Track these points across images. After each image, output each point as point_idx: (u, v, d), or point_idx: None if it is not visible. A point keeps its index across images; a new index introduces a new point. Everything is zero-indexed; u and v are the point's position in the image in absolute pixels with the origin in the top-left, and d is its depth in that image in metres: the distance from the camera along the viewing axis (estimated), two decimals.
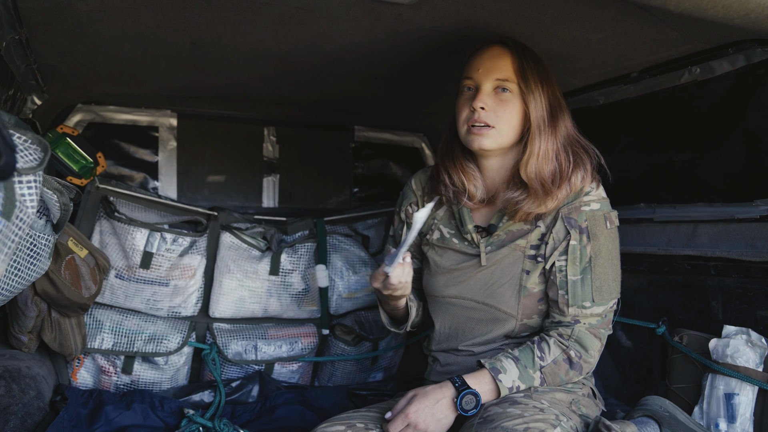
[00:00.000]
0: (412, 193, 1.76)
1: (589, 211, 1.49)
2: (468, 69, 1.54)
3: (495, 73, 1.49)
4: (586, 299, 1.48)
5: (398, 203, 1.81)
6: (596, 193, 1.52)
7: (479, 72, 1.51)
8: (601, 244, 1.49)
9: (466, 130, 1.52)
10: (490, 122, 1.49)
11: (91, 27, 1.57)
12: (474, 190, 1.58)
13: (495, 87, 1.49)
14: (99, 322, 2.21)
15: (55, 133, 2.10)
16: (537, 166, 1.47)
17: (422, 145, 3.01)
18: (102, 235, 2.25)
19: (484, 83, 1.50)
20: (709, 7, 1.23)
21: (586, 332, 1.49)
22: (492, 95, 1.50)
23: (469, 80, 1.53)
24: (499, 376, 1.42)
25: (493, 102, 1.49)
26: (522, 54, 1.51)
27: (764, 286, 1.68)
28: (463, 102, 1.54)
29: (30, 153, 1.29)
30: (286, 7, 1.46)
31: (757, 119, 1.65)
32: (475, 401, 1.40)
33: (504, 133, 1.50)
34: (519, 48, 1.52)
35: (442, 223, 1.66)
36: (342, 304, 2.50)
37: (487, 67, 1.50)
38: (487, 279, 1.56)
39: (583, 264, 1.48)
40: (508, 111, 1.49)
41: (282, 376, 2.44)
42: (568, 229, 1.48)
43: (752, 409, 1.64)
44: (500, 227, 1.55)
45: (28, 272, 1.50)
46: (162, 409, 2.05)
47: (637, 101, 1.99)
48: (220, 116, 2.66)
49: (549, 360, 1.46)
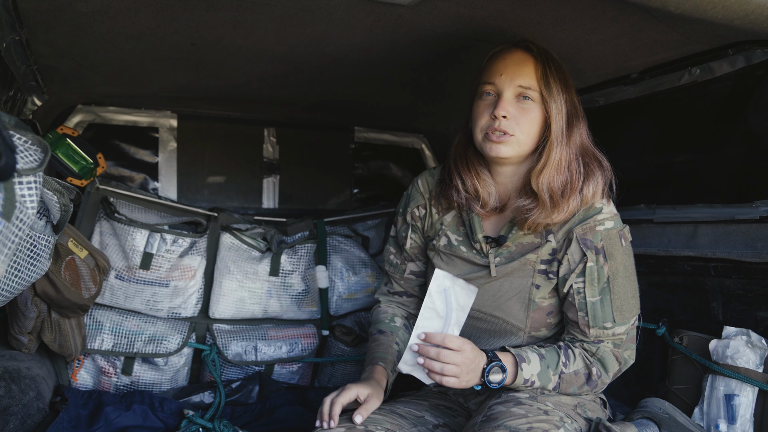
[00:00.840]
0: (420, 195, 1.69)
1: (603, 231, 1.45)
2: (489, 73, 1.47)
3: (518, 80, 1.43)
4: (607, 320, 1.44)
5: (402, 204, 1.75)
6: (608, 210, 1.48)
7: (501, 77, 1.44)
8: (618, 263, 1.45)
9: (484, 137, 1.47)
10: (510, 130, 1.43)
11: (92, 28, 1.57)
12: (487, 197, 1.52)
13: (517, 95, 1.44)
14: (99, 323, 2.21)
15: (56, 134, 2.10)
16: (549, 177, 1.43)
17: (422, 146, 3.01)
18: (102, 236, 2.25)
19: (506, 90, 1.44)
20: (709, 8, 1.23)
21: (610, 353, 1.46)
22: (513, 103, 1.44)
23: (489, 85, 1.46)
24: (522, 364, 1.40)
25: (514, 110, 1.44)
26: (545, 60, 1.45)
27: (764, 287, 1.68)
28: (483, 108, 1.47)
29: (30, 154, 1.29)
30: (286, 9, 1.46)
31: (757, 120, 1.66)
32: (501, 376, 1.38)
33: (523, 142, 1.45)
34: (542, 53, 1.46)
35: (449, 229, 1.62)
36: (342, 305, 2.50)
37: (510, 73, 1.44)
38: (496, 291, 1.53)
39: (601, 285, 1.45)
40: (529, 120, 1.44)
41: (282, 377, 2.44)
42: (584, 251, 1.44)
43: (752, 410, 1.64)
44: (510, 238, 1.51)
45: (28, 273, 1.50)
46: (162, 410, 2.05)
47: (637, 102, 1.99)
48: (220, 117, 2.67)
49: (571, 369, 1.44)
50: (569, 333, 1.51)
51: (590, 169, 1.47)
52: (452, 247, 1.60)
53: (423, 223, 1.68)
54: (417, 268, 1.73)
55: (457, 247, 1.59)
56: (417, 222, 1.69)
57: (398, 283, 1.76)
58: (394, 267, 1.76)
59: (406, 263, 1.73)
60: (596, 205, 1.47)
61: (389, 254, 1.77)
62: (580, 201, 1.45)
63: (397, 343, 1.63)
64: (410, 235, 1.70)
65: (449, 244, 1.61)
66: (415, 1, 1.39)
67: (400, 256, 1.74)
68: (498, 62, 1.47)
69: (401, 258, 1.74)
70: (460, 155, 1.58)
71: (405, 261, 1.73)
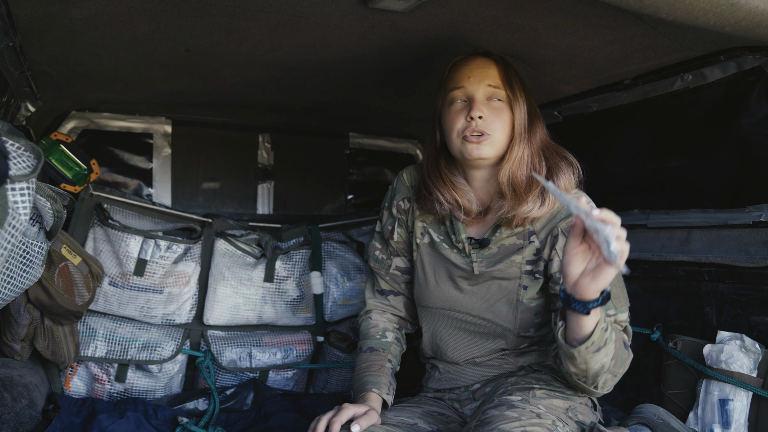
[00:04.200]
0: (405, 188, 1.71)
1: None
2: (456, 79, 1.52)
3: (486, 80, 1.49)
4: (609, 308, 1.43)
5: (387, 198, 1.76)
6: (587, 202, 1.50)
7: (470, 80, 1.50)
8: None
9: (462, 140, 1.49)
10: (487, 130, 1.47)
11: (86, 34, 1.57)
12: (468, 205, 1.54)
13: (487, 96, 1.49)
14: (92, 329, 2.19)
15: (49, 140, 2.10)
16: (512, 171, 1.48)
17: (417, 152, 3.01)
18: (96, 243, 2.24)
19: (476, 92, 1.49)
20: (700, 15, 1.24)
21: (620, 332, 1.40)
22: (486, 104, 1.49)
23: (458, 90, 1.51)
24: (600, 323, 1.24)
25: (488, 110, 1.48)
26: (505, 64, 1.53)
27: (757, 291, 1.69)
28: (456, 113, 1.51)
29: (23, 160, 1.29)
30: (280, 15, 1.47)
31: (749, 126, 1.67)
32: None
33: (499, 141, 1.49)
34: (501, 58, 1.54)
35: (431, 228, 1.64)
36: (337, 310, 2.50)
37: (477, 75, 1.50)
38: (484, 294, 1.54)
39: None
40: (501, 120, 1.49)
41: (277, 383, 2.43)
42: None
43: (747, 414, 1.64)
44: (493, 240, 1.53)
45: (21, 280, 1.49)
46: (156, 418, 2.04)
47: (630, 108, 2.00)
48: (214, 123, 2.66)
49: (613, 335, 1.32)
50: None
51: (554, 163, 1.52)
52: (435, 244, 1.62)
53: (407, 216, 1.69)
54: (403, 264, 1.73)
55: (439, 243, 1.62)
56: (402, 215, 1.70)
57: (384, 279, 1.75)
58: (379, 263, 1.76)
59: (391, 258, 1.73)
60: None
61: (374, 250, 1.77)
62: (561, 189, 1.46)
63: (389, 360, 1.62)
64: (396, 230, 1.71)
65: (432, 242, 1.63)
66: (410, 7, 1.40)
67: (385, 251, 1.75)
68: (463, 68, 1.53)
69: (387, 253, 1.74)
70: (433, 169, 1.60)
71: (391, 256, 1.73)
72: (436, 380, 1.68)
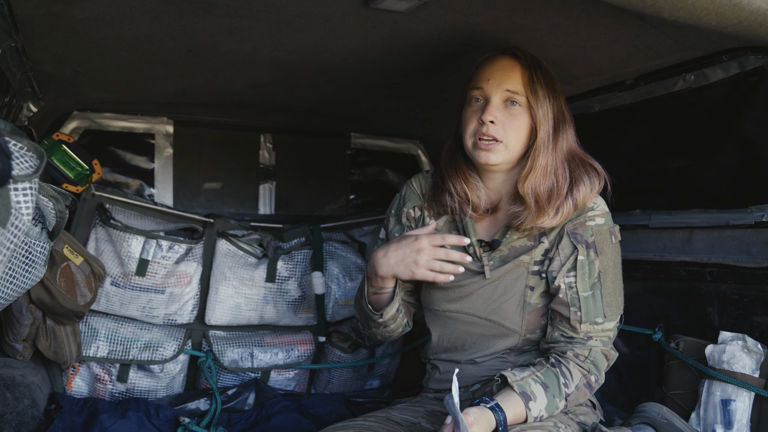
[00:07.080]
0: (416, 196, 1.69)
1: (594, 226, 1.46)
2: (477, 79, 1.50)
3: (505, 84, 1.45)
4: (599, 315, 1.44)
5: (395, 206, 1.74)
6: (600, 207, 1.50)
7: (489, 82, 1.46)
8: (609, 259, 1.46)
9: (473, 144, 1.48)
10: (499, 136, 1.45)
11: (88, 34, 1.57)
12: (477, 201, 1.53)
13: (504, 100, 1.46)
14: (94, 329, 2.20)
15: (51, 140, 2.10)
16: (535, 182, 1.45)
17: (418, 152, 3.01)
18: (97, 243, 2.24)
19: (493, 95, 1.46)
20: (702, 15, 1.24)
21: (600, 353, 1.45)
22: (501, 108, 1.46)
23: (477, 90, 1.48)
24: (530, 403, 1.34)
25: (502, 115, 1.45)
26: (532, 66, 1.47)
27: (760, 292, 1.69)
28: (471, 113, 1.49)
29: (26, 160, 1.29)
30: (282, 15, 1.47)
31: (751, 126, 1.66)
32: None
33: (511, 148, 1.47)
34: (529, 59, 1.48)
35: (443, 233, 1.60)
36: (338, 311, 2.50)
37: (497, 78, 1.46)
38: (490, 294, 1.53)
39: (592, 279, 1.45)
40: (517, 125, 1.46)
41: (278, 383, 2.43)
42: (575, 245, 1.45)
43: (749, 415, 1.64)
44: (504, 242, 1.52)
45: (23, 280, 1.49)
46: (157, 418, 2.04)
47: (632, 108, 2.00)
48: (216, 123, 2.67)
49: (573, 387, 1.41)
50: (557, 330, 1.47)
51: (578, 174, 1.49)
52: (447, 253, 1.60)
53: (417, 225, 1.67)
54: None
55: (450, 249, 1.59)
56: (412, 223, 1.68)
57: None
58: None
59: None
60: (588, 204, 1.49)
61: None
62: (573, 206, 1.46)
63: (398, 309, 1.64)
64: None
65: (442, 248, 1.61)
66: (411, 7, 1.40)
67: None
68: (486, 68, 1.50)
69: None
70: (450, 160, 1.59)
71: None
72: (436, 381, 1.67)
